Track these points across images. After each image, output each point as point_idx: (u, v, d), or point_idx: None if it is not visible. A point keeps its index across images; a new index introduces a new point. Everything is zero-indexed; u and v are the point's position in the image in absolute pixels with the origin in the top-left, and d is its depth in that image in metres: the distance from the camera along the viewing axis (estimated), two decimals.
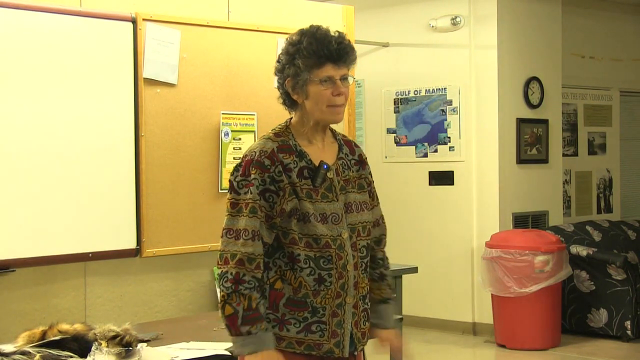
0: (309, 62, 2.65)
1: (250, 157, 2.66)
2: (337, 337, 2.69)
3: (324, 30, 2.70)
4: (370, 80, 8.14)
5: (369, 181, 2.86)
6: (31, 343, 3.13)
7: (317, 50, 2.64)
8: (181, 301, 4.83)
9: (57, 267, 4.38)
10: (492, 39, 7.47)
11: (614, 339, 7.19)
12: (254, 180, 2.63)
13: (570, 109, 8.47)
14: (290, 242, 2.64)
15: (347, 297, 2.70)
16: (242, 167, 2.67)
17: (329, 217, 2.68)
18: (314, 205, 2.66)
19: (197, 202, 4.84)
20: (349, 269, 2.70)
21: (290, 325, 2.65)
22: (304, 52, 2.65)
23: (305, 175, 2.68)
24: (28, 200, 4.24)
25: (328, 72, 2.66)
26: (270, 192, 2.63)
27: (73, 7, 4.41)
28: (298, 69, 2.66)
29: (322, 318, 2.67)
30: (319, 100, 2.67)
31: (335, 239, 2.67)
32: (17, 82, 4.23)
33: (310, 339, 2.66)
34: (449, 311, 7.71)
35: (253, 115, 5.03)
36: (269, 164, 2.64)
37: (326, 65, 2.65)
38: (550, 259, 6.87)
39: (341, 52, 2.66)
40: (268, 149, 2.66)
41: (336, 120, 2.73)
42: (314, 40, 2.65)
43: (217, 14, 5.00)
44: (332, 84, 2.66)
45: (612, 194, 8.92)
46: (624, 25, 8.96)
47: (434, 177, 7.80)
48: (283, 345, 2.65)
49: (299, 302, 2.65)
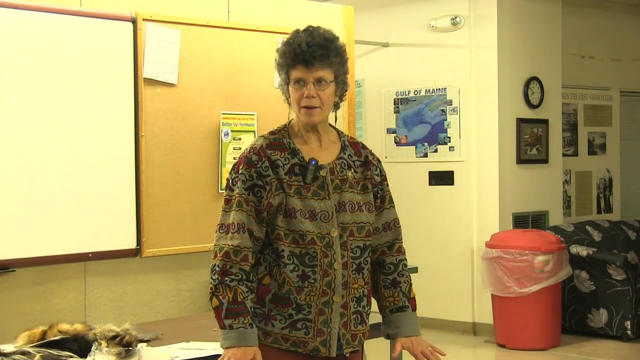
0: (282, 63, 2.71)
1: (242, 155, 2.74)
2: (323, 336, 2.69)
3: (308, 31, 2.70)
4: (370, 80, 8.14)
5: (375, 183, 2.83)
6: (31, 343, 3.13)
7: (286, 51, 2.69)
8: (181, 301, 4.83)
9: (57, 267, 4.38)
10: (492, 39, 7.47)
11: (614, 339, 7.19)
12: (241, 176, 2.69)
13: (570, 109, 8.47)
14: (276, 237, 2.68)
15: (334, 295, 2.70)
16: (236, 166, 2.74)
17: (318, 215, 2.69)
18: (302, 201, 2.68)
19: (197, 202, 4.84)
20: (336, 268, 2.70)
21: (276, 320, 2.68)
22: (280, 51, 2.71)
23: (296, 172, 2.71)
24: (28, 200, 4.24)
25: (299, 74, 2.68)
26: (258, 186, 2.68)
27: (73, 7, 4.41)
28: (279, 69, 2.73)
29: (308, 316, 2.68)
30: (294, 101, 2.72)
31: (322, 237, 2.68)
32: (17, 82, 4.22)
33: (295, 336, 2.68)
34: (449, 311, 7.71)
35: (253, 115, 5.03)
36: (256, 160, 2.69)
37: (298, 67, 2.67)
38: (550, 259, 6.87)
39: (311, 54, 2.66)
40: (257, 145, 2.72)
41: (310, 122, 2.73)
42: (287, 42, 2.70)
43: (217, 14, 5.00)
44: (303, 85, 2.68)
45: (612, 194, 8.92)
46: (624, 25, 8.96)
47: (434, 177, 7.80)
48: (269, 340, 2.68)
49: (284, 299, 2.67)
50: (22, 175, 4.23)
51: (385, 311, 2.87)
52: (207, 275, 2.72)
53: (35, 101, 4.27)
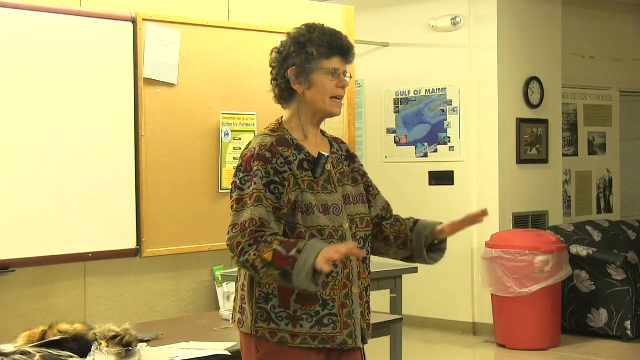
0: (321, 50, 2.72)
1: (250, 153, 2.68)
2: (349, 328, 2.71)
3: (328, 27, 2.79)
4: (370, 80, 8.14)
5: (362, 173, 2.90)
6: (31, 343, 3.13)
7: (330, 41, 2.73)
8: (181, 301, 4.84)
9: (57, 267, 4.38)
10: (492, 39, 7.47)
11: (614, 339, 7.18)
12: (257, 172, 2.63)
13: (570, 109, 8.47)
14: (297, 236, 2.65)
15: (352, 287, 2.72)
16: (244, 165, 2.68)
17: (331, 208, 2.71)
18: (316, 196, 2.69)
19: (197, 202, 4.84)
20: (352, 259, 2.72)
21: (303, 321, 2.65)
22: (317, 41, 2.72)
23: (305, 167, 2.71)
24: (28, 200, 4.24)
25: (336, 64, 2.74)
26: (275, 183, 2.64)
27: (73, 7, 4.41)
28: (310, 56, 2.71)
29: (333, 310, 2.68)
30: (323, 90, 2.73)
31: (337, 230, 2.70)
32: (17, 82, 4.23)
33: (324, 333, 2.67)
34: (449, 311, 7.70)
35: (253, 115, 5.03)
36: (270, 156, 2.65)
37: (335, 58, 2.74)
38: (550, 259, 6.86)
39: (350, 48, 2.77)
40: (267, 142, 2.69)
41: (336, 113, 2.79)
42: (326, 32, 2.75)
43: (217, 14, 5.00)
44: (338, 76, 2.74)
45: (612, 194, 8.92)
46: (624, 25, 8.96)
47: (434, 177, 7.80)
48: (298, 342, 2.65)
49: (309, 297, 2.65)
50: (22, 175, 4.23)
51: (407, 232, 2.87)
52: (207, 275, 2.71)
53: (35, 101, 4.27)
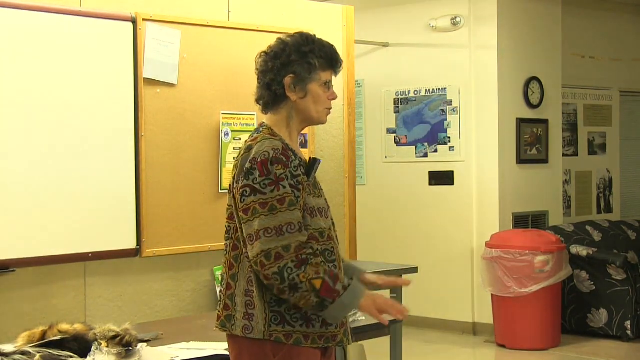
0: (320, 62, 2.78)
1: (265, 156, 2.65)
2: (344, 327, 2.77)
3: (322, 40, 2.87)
4: (370, 80, 8.14)
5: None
6: (31, 343, 3.13)
7: (328, 54, 2.80)
8: (181, 301, 4.83)
9: (57, 267, 4.38)
10: (492, 39, 7.47)
11: (614, 339, 7.18)
12: (282, 175, 2.64)
13: (570, 109, 8.47)
14: (310, 238, 2.67)
15: None
16: (259, 168, 2.64)
17: (324, 211, 2.77)
18: (314, 200, 2.73)
19: (197, 202, 4.84)
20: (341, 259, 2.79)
21: (314, 321, 2.69)
22: (318, 52, 2.78)
23: (302, 172, 2.73)
24: (28, 200, 4.24)
25: (328, 77, 2.82)
26: (296, 187, 2.67)
27: (73, 7, 4.41)
28: (313, 67, 2.76)
29: None
30: (318, 101, 2.79)
31: (330, 231, 2.76)
32: (17, 82, 4.23)
33: (329, 332, 2.71)
34: (449, 311, 7.71)
35: (253, 115, 5.03)
36: (286, 160, 2.67)
37: (329, 70, 2.82)
38: (550, 259, 6.87)
39: (340, 64, 2.86)
40: (279, 147, 2.69)
41: (324, 122, 2.88)
42: (324, 45, 2.82)
43: (217, 14, 5.00)
44: (329, 88, 2.82)
45: (612, 194, 8.92)
46: (624, 25, 8.96)
47: (434, 177, 7.80)
48: (309, 342, 2.68)
49: None
50: (22, 175, 4.23)
51: None
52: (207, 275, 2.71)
53: (34, 101, 4.27)
